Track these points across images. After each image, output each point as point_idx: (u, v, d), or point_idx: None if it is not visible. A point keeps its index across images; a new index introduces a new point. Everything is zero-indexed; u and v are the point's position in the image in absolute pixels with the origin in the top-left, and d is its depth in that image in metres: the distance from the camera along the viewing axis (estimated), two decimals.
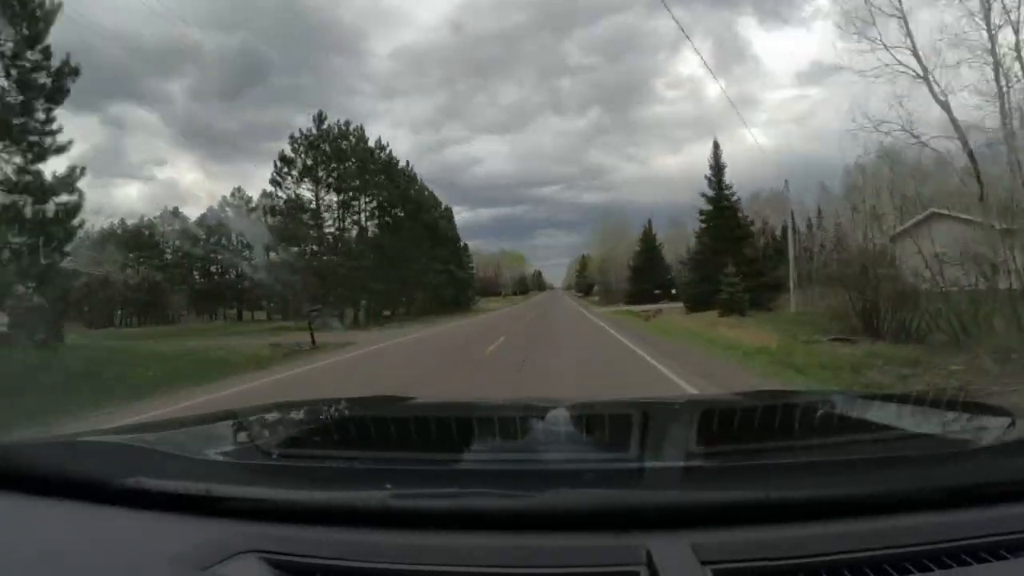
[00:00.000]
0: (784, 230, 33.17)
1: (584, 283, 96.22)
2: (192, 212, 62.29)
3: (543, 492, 0.75)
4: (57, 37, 12.61)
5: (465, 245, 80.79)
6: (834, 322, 14.50)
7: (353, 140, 35.28)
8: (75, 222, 13.34)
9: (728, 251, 29.29)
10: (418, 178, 45.16)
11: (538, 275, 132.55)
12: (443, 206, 52.52)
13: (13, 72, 12.07)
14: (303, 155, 33.32)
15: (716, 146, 33.81)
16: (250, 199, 43.08)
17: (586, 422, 1.52)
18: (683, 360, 9.97)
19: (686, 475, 0.91)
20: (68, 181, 12.90)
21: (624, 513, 0.72)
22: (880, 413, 1.40)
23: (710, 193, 33.33)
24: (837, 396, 1.81)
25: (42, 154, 12.62)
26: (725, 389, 6.10)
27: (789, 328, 15.66)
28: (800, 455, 1.03)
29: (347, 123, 35.30)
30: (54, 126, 12.73)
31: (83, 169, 13.27)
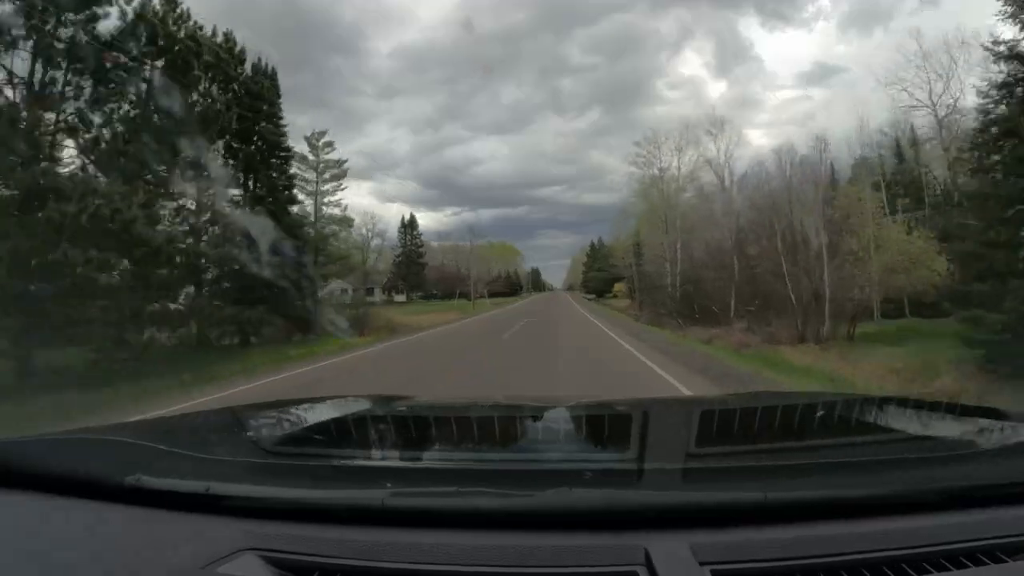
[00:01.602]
0: None
1: (597, 280, 70.53)
2: None
3: (542, 492, 0.75)
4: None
5: (391, 227, 48.87)
6: None
7: None
8: None
9: None
10: None
11: (536, 273, 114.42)
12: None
13: None
14: None
15: None
16: None
17: (585, 422, 1.52)
18: None
19: (685, 476, 0.91)
20: None
21: (623, 513, 0.72)
22: (878, 415, 1.40)
23: None
24: (835, 398, 1.81)
25: None
26: None
27: None
28: (798, 457, 1.04)
29: None
30: None
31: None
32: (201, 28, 14.39)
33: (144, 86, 12.34)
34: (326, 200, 24.91)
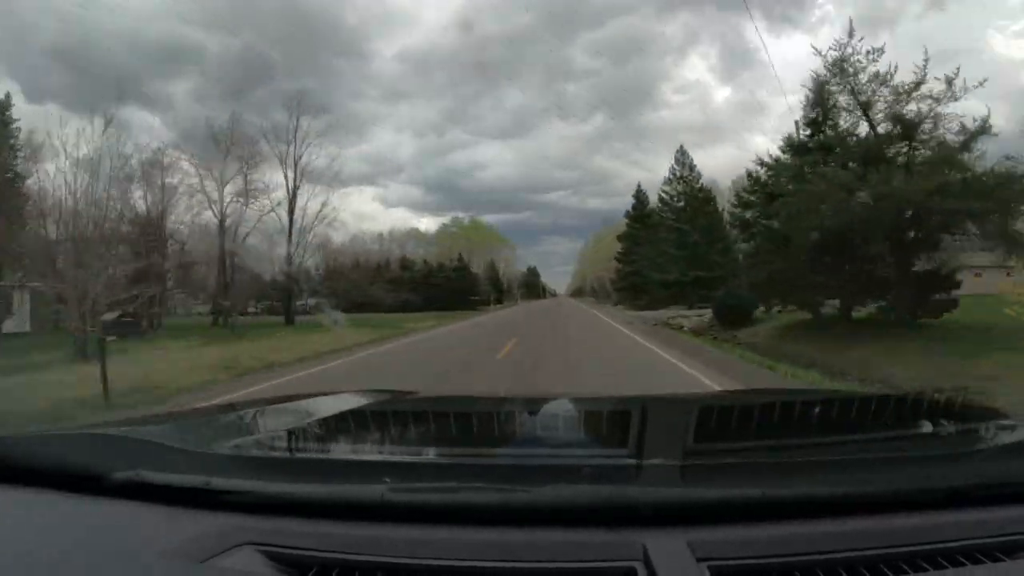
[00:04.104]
0: None
1: (639, 270, 37.12)
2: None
3: (541, 487, 0.75)
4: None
5: None
6: None
7: None
8: None
9: None
10: None
11: (533, 273, 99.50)
12: None
13: None
14: None
15: None
16: None
17: (584, 418, 1.52)
18: None
19: (683, 472, 0.91)
20: None
21: (621, 509, 0.72)
22: (878, 413, 1.40)
23: None
24: (835, 395, 1.81)
25: None
26: None
27: None
28: (797, 454, 1.04)
29: None
30: None
31: None
32: None
33: None
34: None
